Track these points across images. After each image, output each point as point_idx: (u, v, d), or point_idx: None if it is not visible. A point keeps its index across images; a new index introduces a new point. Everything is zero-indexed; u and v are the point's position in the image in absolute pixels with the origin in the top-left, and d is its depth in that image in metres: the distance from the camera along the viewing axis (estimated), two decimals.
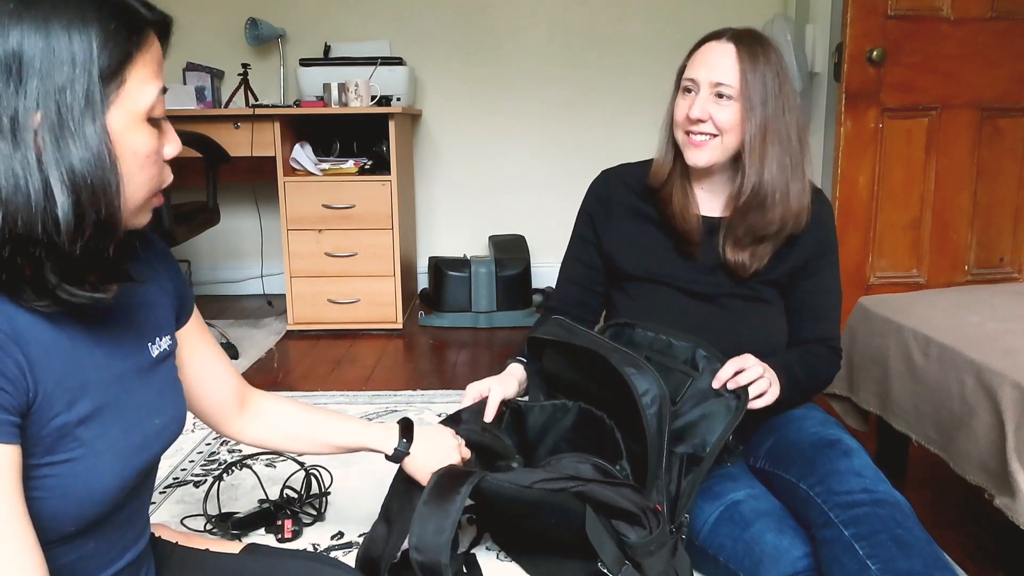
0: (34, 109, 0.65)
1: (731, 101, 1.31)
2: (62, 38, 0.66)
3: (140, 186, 0.74)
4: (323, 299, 2.94)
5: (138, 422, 0.80)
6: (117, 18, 0.70)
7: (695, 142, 1.35)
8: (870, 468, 1.18)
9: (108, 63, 0.69)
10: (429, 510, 1.09)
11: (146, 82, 0.72)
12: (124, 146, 0.71)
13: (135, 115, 0.72)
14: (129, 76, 0.71)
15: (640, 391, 1.17)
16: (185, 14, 3.37)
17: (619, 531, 1.13)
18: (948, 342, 1.43)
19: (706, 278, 1.40)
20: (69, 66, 0.67)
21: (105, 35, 0.68)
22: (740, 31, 1.35)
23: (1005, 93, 2.69)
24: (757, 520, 1.16)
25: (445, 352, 2.75)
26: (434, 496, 1.11)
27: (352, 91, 2.86)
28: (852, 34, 2.58)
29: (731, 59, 1.31)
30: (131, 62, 0.71)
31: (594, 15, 3.39)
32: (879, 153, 2.68)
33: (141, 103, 0.72)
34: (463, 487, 1.11)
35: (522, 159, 3.52)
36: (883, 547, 1.04)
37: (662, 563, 1.13)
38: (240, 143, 2.85)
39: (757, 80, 1.30)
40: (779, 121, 1.32)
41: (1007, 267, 2.84)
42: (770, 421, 1.39)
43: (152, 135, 0.74)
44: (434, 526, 1.08)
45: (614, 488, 1.13)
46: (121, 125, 0.71)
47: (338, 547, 1.41)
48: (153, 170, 0.75)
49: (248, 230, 3.51)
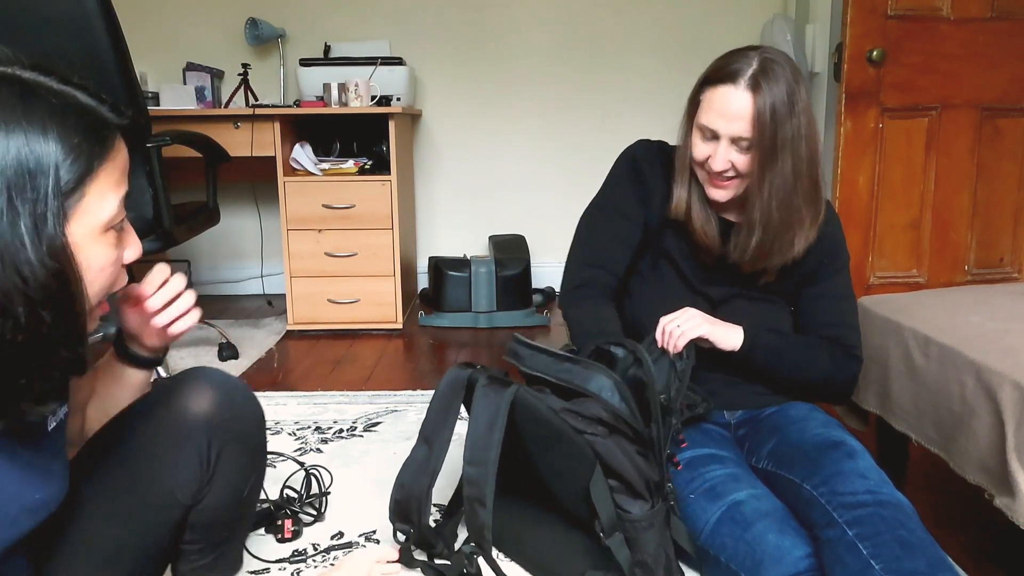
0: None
1: (751, 149, 1.30)
2: (23, 151, 0.63)
3: (94, 296, 0.72)
4: (323, 299, 2.94)
5: (18, 494, 0.75)
6: (81, 131, 0.67)
7: (718, 183, 1.35)
8: (874, 470, 1.19)
9: (68, 178, 0.66)
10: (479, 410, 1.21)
11: (107, 193, 0.70)
12: (82, 260, 0.69)
13: (94, 228, 0.69)
14: (90, 190, 0.68)
15: (595, 391, 1.20)
16: (185, 14, 3.37)
17: (618, 504, 1.16)
18: (948, 342, 1.42)
19: (716, 276, 1.45)
20: (29, 182, 0.64)
21: (66, 149, 0.66)
22: (757, 72, 1.27)
23: (1005, 93, 2.69)
24: (759, 520, 1.17)
25: (445, 352, 2.75)
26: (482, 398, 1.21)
27: (352, 91, 2.86)
28: (852, 34, 2.58)
29: (748, 112, 1.27)
30: (92, 175, 0.68)
31: (594, 15, 3.39)
32: (879, 153, 2.68)
33: (101, 215, 0.69)
34: (505, 393, 1.19)
35: (522, 159, 3.52)
36: (887, 547, 1.04)
37: (654, 542, 1.17)
38: (240, 143, 2.85)
39: (770, 129, 1.27)
40: (788, 165, 1.29)
41: (1007, 267, 2.84)
42: (772, 422, 1.40)
43: (110, 244, 0.71)
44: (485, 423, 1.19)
45: (628, 457, 1.16)
46: (79, 239, 0.68)
47: (338, 547, 1.42)
48: (110, 280, 0.73)
49: (248, 230, 3.50)
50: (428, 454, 1.29)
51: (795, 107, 1.27)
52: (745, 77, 1.27)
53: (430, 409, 1.32)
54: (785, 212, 1.33)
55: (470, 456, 1.22)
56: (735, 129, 1.28)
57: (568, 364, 1.26)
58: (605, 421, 1.16)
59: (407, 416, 2.07)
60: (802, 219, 1.35)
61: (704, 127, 1.33)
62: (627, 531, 1.17)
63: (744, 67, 1.28)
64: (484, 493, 1.20)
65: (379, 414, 2.09)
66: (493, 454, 1.19)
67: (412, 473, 1.30)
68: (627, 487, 1.17)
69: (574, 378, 1.24)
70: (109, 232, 0.71)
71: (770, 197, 1.32)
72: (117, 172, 0.71)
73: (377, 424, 2.02)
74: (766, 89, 1.26)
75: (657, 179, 1.47)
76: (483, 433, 1.20)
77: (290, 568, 1.34)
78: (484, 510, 1.20)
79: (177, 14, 3.38)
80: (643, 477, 1.17)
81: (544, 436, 1.20)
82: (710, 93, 1.31)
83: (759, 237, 1.35)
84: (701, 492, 1.24)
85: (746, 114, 1.27)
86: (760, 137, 1.27)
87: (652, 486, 1.19)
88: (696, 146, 1.35)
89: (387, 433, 1.96)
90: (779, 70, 1.27)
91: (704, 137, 1.34)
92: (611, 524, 1.16)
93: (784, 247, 1.36)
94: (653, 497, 1.18)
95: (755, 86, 1.26)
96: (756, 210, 1.34)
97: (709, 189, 1.37)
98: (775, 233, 1.35)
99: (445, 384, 1.30)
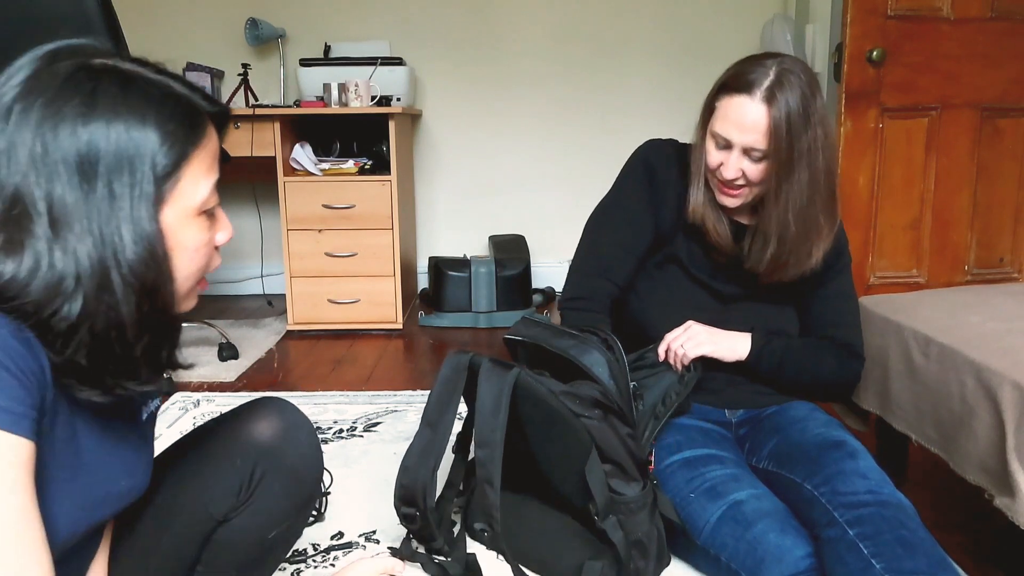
0: (96, 209, 0.67)
1: (764, 159, 1.30)
2: (122, 138, 0.67)
3: (189, 276, 0.75)
4: (323, 299, 2.94)
5: (106, 478, 0.78)
6: (176, 118, 0.71)
7: (729, 191, 1.35)
8: (875, 470, 1.19)
9: (165, 163, 0.69)
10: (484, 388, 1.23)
11: (200, 178, 0.73)
12: (177, 241, 0.72)
13: (188, 210, 0.72)
14: (184, 174, 0.71)
15: (589, 365, 1.23)
16: (185, 14, 3.37)
17: (613, 487, 1.19)
18: (948, 342, 1.42)
19: (727, 274, 1.45)
20: (128, 168, 0.67)
21: (162, 136, 0.69)
22: (773, 83, 1.26)
23: (1005, 93, 2.69)
24: (759, 520, 1.17)
25: (445, 352, 2.75)
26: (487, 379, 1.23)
27: (352, 91, 2.86)
28: (852, 34, 2.58)
29: (763, 124, 1.26)
30: (187, 160, 0.71)
31: (594, 15, 3.39)
32: (879, 153, 2.68)
33: (195, 199, 0.72)
34: (508, 375, 1.21)
35: (522, 159, 3.51)
36: (887, 547, 1.05)
37: (648, 521, 1.20)
38: (240, 143, 2.85)
39: (786, 142, 1.26)
40: (803, 176, 1.29)
41: (1007, 267, 2.84)
42: (773, 422, 1.40)
43: (203, 228, 0.74)
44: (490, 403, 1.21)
45: (621, 440, 1.18)
46: (173, 221, 0.71)
47: (338, 547, 1.41)
48: (203, 261, 0.76)
49: (248, 230, 3.50)
50: (432, 437, 1.30)
51: (811, 119, 1.26)
52: (761, 88, 1.25)
53: (432, 393, 1.32)
54: (802, 223, 1.33)
55: (479, 438, 1.23)
56: (748, 140, 1.28)
57: (566, 338, 1.29)
58: (600, 402, 1.18)
59: (407, 416, 2.07)
60: (820, 229, 1.35)
61: (718, 135, 1.32)
62: (621, 512, 1.19)
63: (761, 77, 1.26)
64: (492, 474, 1.21)
65: (379, 414, 2.09)
66: (499, 435, 1.20)
67: (417, 457, 1.30)
68: (621, 470, 1.19)
69: (570, 350, 1.26)
70: (201, 216, 0.74)
71: (786, 208, 1.31)
72: (209, 158, 0.74)
73: (377, 424, 2.02)
74: (782, 101, 1.24)
75: (671, 182, 1.46)
76: (489, 414, 1.22)
77: (290, 568, 1.34)
78: (492, 490, 1.21)
79: (177, 14, 3.38)
80: (635, 460, 1.20)
81: (543, 418, 1.22)
82: (725, 101, 1.30)
83: (775, 249, 1.35)
84: (701, 492, 1.25)
85: (761, 126, 1.26)
86: (776, 149, 1.27)
87: (642, 467, 1.21)
88: (710, 153, 1.35)
89: (387, 433, 1.96)
90: (795, 80, 1.26)
91: (717, 145, 1.33)
92: (606, 508, 1.18)
93: (801, 258, 1.36)
94: (644, 477, 1.21)
95: (771, 98, 1.25)
96: (772, 221, 1.34)
97: (720, 196, 1.38)
98: (792, 245, 1.35)
99: (448, 367, 1.31)
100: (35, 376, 0.65)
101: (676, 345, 1.37)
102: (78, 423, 0.74)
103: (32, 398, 0.65)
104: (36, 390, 0.65)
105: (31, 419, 0.65)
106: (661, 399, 1.35)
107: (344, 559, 1.37)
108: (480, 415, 1.23)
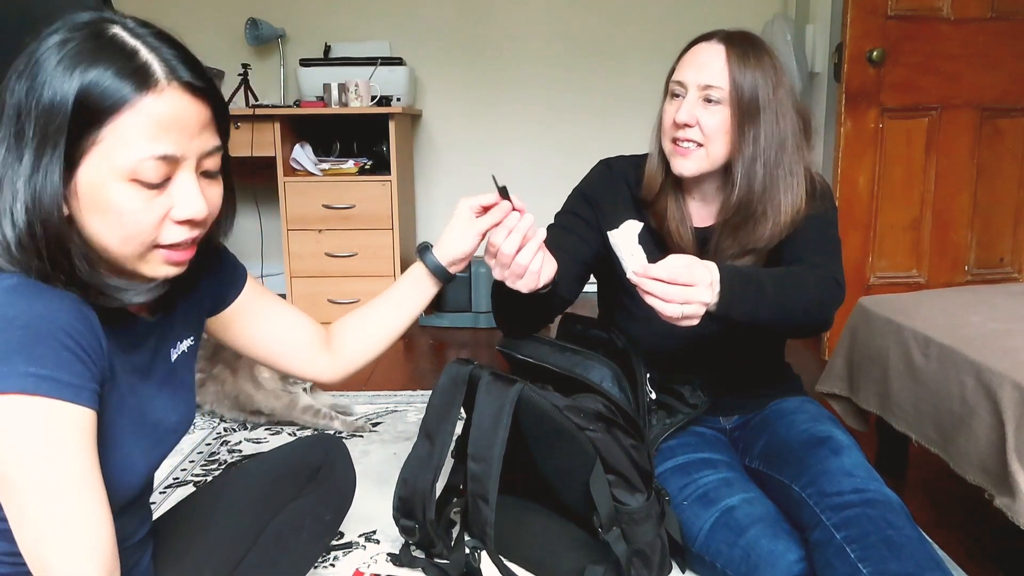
0: (14, 155, 0.70)
1: (720, 106, 1.26)
2: (50, 90, 0.69)
3: (125, 240, 0.73)
4: (323, 299, 2.94)
5: (162, 417, 0.86)
6: (112, 76, 0.69)
7: (681, 150, 1.29)
8: (861, 466, 1.18)
9: (84, 118, 0.69)
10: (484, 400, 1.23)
11: (132, 141, 0.70)
12: (98, 199, 0.71)
13: (113, 172, 0.70)
14: (107, 133, 0.69)
15: (596, 381, 1.22)
16: (185, 14, 3.37)
17: (617, 498, 1.18)
18: (948, 342, 1.43)
19: None
20: (46, 117, 0.69)
21: (85, 89, 0.69)
22: (732, 32, 1.30)
23: (1005, 93, 2.68)
24: (752, 526, 1.17)
25: (445, 352, 2.75)
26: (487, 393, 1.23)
27: (352, 91, 2.86)
28: (852, 34, 2.58)
29: (720, 60, 1.25)
30: (111, 118, 0.69)
31: (593, 17, 3.39)
32: (879, 153, 2.68)
33: (122, 161, 0.70)
34: (511, 391, 1.20)
35: (522, 159, 3.52)
36: (874, 549, 1.04)
37: (651, 532, 1.19)
38: (240, 143, 2.85)
39: (748, 83, 1.24)
40: (771, 128, 1.26)
41: (1007, 267, 2.84)
42: (763, 417, 1.39)
43: (137, 196, 0.72)
44: (490, 419, 1.21)
45: (625, 451, 1.18)
46: (95, 178, 0.70)
47: (338, 547, 1.41)
48: (139, 229, 0.73)
49: (248, 230, 3.50)
50: (431, 449, 1.30)
51: (770, 72, 1.26)
52: (719, 35, 1.30)
53: (430, 405, 1.32)
54: (768, 183, 1.27)
55: (474, 452, 1.22)
56: (704, 77, 1.25)
57: (568, 354, 1.26)
58: (604, 416, 1.17)
59: (407, 416, 2.07)
60: (778, 198, 1.28)
61: (674, 84, 1.31)
62: (624, 523, 1.18)
63: (718, 31, 1.31)
64: (487, 489, 1.20)
65: (379, 414, 2.09)
66: (497, 451, 1.19)
67: (415, 469, 1.30)
68: (625, 481, 1.18)
69: (575, 367, 1.24)
70: (135, 183, 0.71)
71: (753, 158, 1.26)
72: (153, 125, 0.71)
73: (377, 424, 2.02)
74: (739, 42, 1.27)
75: (620, 194, 1.43)
76: (488, 429, 1.21)
77: None
78: (487, 506, 1.20)
79: (177, 14, 3.38)
80: (639, 470, 1.19)
81: (546, 433, 1.21)
82: (683, 57, 1.32)
83: (743, 195, 1.27)
84: (694, 499, 1.24)
85: (718, 62, 1.26)
86: (737, 93, 1.24)
87: (647, 477, 1.20)
88: (666, 111, 1.32)
89: (387, 433, 1.96)
90: (753, 37, 1.29)
91: (673, 95, 1.31)
92: (610, 519, 1.17)
93: (771, 211, 1.27)
94: (648, 488, 1.20)
95: (728, 39, 1.28)
96: (738, 169, 1.27)
97: (674, 161, 1.31)
98: (758, 195, 1.27)
99: (446, 379, 1.30)
100: (95, 352, 0.71)
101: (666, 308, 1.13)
102: (132, 379, 0.81)
103: (91, 371, 0.70)
104: (96, 364, 0.71)
105: (90, 390, 0.70)
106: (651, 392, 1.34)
107: (344, 559, 1.37)
108: (477, 429, 1.22)
